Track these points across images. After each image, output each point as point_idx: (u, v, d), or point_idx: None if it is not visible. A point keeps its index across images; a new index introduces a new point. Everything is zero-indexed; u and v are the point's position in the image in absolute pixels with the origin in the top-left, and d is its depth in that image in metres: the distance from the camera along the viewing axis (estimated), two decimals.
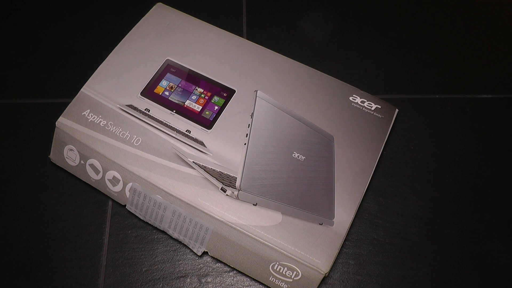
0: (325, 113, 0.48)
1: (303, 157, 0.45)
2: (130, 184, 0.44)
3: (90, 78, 0.48)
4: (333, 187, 0.45)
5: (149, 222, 0.45)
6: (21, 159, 0.49)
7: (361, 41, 0.59)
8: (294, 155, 0.45)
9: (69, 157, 0.46)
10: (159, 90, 0.48)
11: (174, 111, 0.47)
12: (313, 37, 0.59)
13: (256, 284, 0.44)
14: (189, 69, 0.50)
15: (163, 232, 0.45)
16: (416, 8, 0.63)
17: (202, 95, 0.48)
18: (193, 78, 0.49)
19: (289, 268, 0.41)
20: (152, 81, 0.48)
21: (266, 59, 0.51)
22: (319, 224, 0.43)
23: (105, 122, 0.46)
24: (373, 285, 0.44)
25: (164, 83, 0.49)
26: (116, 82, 0.48)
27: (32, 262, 0.44)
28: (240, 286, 0.44)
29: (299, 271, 0.41)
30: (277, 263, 0.41)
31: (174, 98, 0.48)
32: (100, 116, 0.46)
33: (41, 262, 0.44)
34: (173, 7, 0.54)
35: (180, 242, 0.45)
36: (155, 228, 0.46)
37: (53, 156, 0.48)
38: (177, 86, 0.48)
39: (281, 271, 0.41)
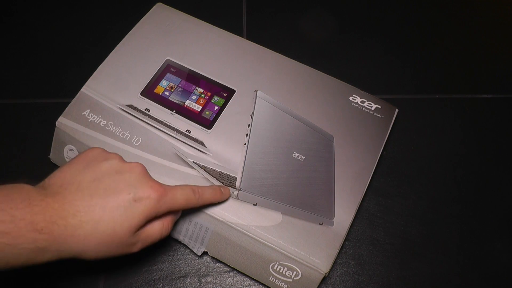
0: (325, 113, 0.48)
1: (303, 157, 0.45)
2: None
3: (90, 78, 0.48)
4: (333, 187, 0.45)
5: None
6: (21, 159, 0.49)
7: (361, 41, 0.59)
8: (294, 155, 0.45)
9: (69, 157, 0.46)
10: (159, 90, 0.48)
11: (174, 111, 0.47)
12: (313, 37, 0.59)
13: (256, 284, 0.44)
14: (189, 69, 0.50)
15: None
16: (416, 8, 0.63)
17: (202, 95, 0.48)
18: (193, 78, 0.49)
19: (289, 268, 0.41)
20: (152, 81, 0.48)
21: (266, 59, 0.51)
22: (319, 224, 0.43)
23: (105, 122, 0.46)
24: (373, 285, 0.44)
25: (164, 83, 0.49)
26: (116, 82, 0.48)
27: None
28: (240, 286, 0.44)
29: (299, 271, 0.41)
30: (277, 263, 0.41)
31: (174, 98, 0.48)
32: (100, 116, 0.46)
33: None
34: (173, 7, 0.54)
35: (180, 242, 0.45)
36: None
37: (53, 156, 0.48)
38: (177, 86, 0.48)
39: (281, 271, 0.41)
